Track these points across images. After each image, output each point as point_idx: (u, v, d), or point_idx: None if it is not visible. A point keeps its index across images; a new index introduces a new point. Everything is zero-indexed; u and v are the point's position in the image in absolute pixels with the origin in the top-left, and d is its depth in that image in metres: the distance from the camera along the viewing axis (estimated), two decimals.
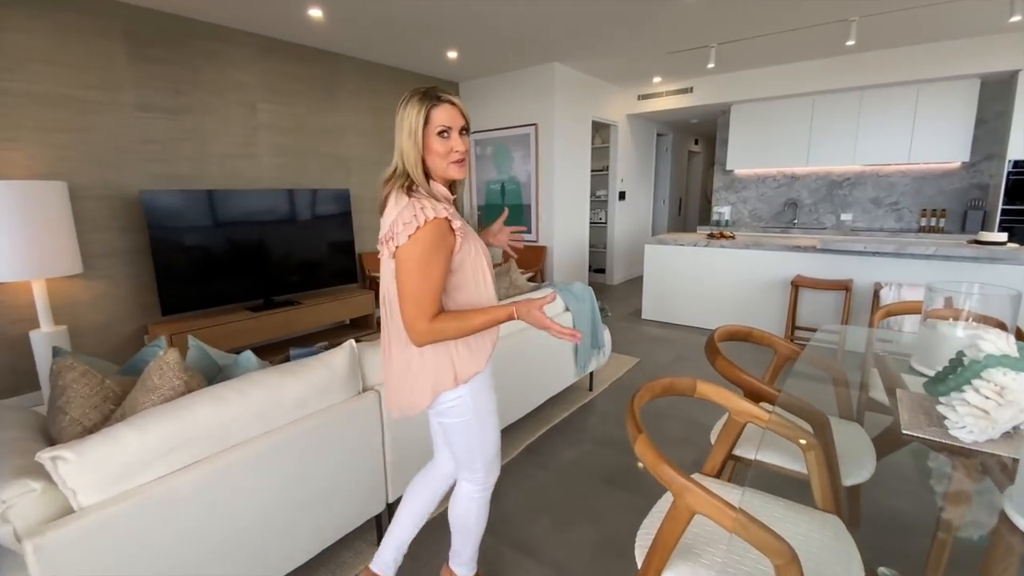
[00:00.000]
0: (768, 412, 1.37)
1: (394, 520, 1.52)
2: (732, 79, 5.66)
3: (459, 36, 4.17)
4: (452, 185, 1.29)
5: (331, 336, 4.39)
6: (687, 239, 4.76)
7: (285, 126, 4.22)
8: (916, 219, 5.43)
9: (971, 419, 1.09)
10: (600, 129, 6.45)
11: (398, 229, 1.12)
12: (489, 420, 1.35)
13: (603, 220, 6.80)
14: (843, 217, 5.89)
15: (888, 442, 1.68)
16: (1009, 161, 4.44)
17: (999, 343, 1.14)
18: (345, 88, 4.65)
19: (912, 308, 2.29)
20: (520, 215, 5.61)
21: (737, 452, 1.62)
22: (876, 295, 3.52)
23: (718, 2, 3.54)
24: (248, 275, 3.85)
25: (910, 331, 3.45)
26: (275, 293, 4.02)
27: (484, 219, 5.93)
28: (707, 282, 4.62)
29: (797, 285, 3.87)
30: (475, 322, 1.16)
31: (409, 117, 1.15)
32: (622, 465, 2.36)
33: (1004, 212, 4.54)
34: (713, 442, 1.74)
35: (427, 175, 1.21)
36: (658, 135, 7.52)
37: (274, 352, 3.86)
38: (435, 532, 1.85)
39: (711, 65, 4.66)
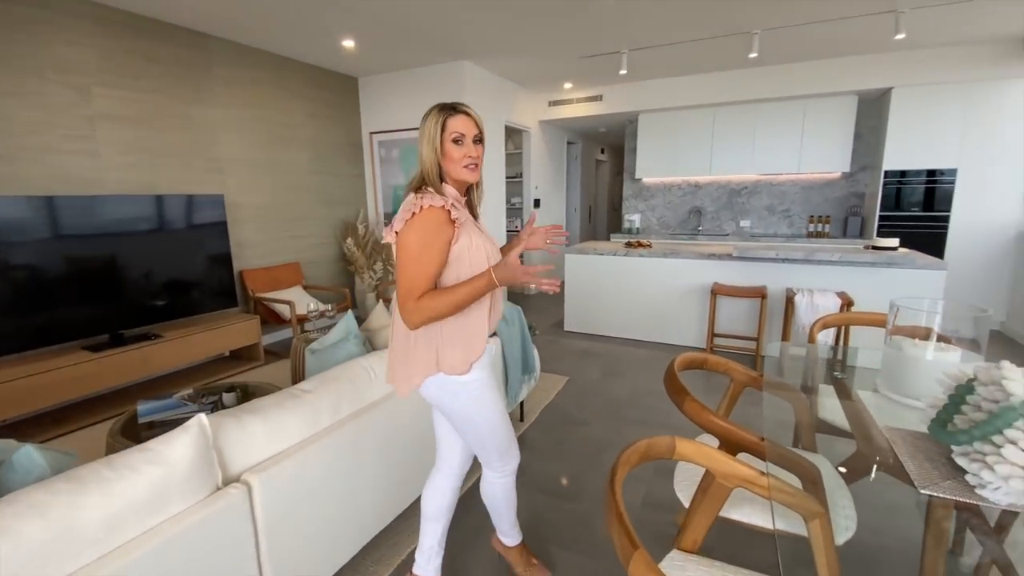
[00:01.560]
0: (761, 473, 1.12)
1: (421, 532, 1.57)
2: (640, 88, 5.71)
3: (355, 21, 3.66)
4: (469, 191, 1.38)
5: (209, 373, 3.64)
6: (606, 248, 4.64)
7: (135, 117, 3.41)
8: (805, 225, 5.83)
9: (1018, 481, 0.89)
10: (513, 135, 6.22)
11: (398, 216, 1.23)
12: (491, 415, 1.37)
13: (518, 228, 6.57)
14: (742, 224, 6.19)
15: (852, 474, 1.53)
16: (884, 172, 4.86)
17: None
18: (218, 76, 3.92)
19: (849, 319, 2.25)
20: None
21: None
22: (790, 301, 3.59)
23: (633, 8, 3.42)
24: (86, 305, 3.02)
25: (822, 340, 3.56)
26: (125, 325, 3.22)
27: None
28: (628, 292, 4.53)
29: (716, 293, 3.87)
30: (458, 294, 1.19)
31: (429, 126, 1.24)
32: (565, 517, 2.04)
33: (882, 219, 4.96)
34: (680, 495, 1.48)
35: (443, 180, 1.29)
36: (568, 143, 7.47)
37: (124, 402, 3.07)
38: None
39: (623, 71, 4.59)
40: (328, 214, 4.99)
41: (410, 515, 1.94)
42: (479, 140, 1.28)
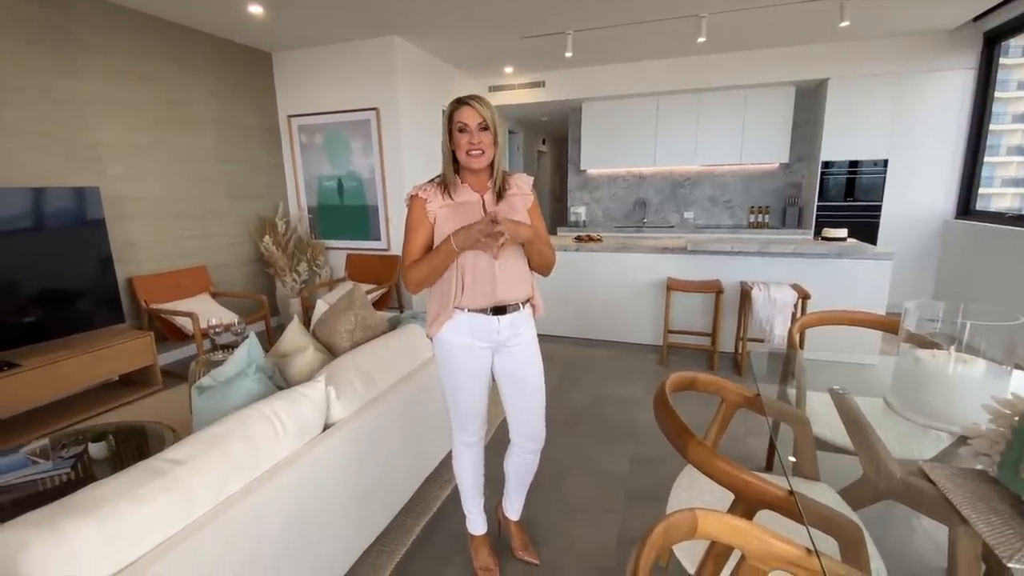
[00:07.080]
0: (808, 551, 0.84)
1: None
2: (583, 74, 5.47)
3: None
4: (492, 172, 1.50)
5: (91, 403, 3.00)
6: (557, 243, 4.35)
7: None
8: (746, 216, 5.86)
9: None
10: None
11: None
12: (448, 383, 1.53)
13: None
14: (686, 215, 6.14)
15: (857, 501, 1.33)
16: (821, 162, 4.92)
17: None
18: (84, 43, 3.20)
19: (830, 319, 2.08)
20: (364, 218, 4.66)
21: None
22: (746, 295, 3.47)
23: None
24: None
25: (779, 333, 3.48)
26: None
27: (317, 223, 4.84)
28: (579, 288, 4.27)
29: (671, 288, 3.69)
30: (426, 260, 1.41)
31: (444, 119, 1.43)
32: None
33: (819, 208, 5.04)
34: (682, 559, 1.19)
35: (458, 168, 1.47)
36: (509, 132, 7.13)
37: None
38: None
39: (569, 54, 4.31)
40: (240, 208, 4.34)
41: None
42: (485, 128, 1.39)
